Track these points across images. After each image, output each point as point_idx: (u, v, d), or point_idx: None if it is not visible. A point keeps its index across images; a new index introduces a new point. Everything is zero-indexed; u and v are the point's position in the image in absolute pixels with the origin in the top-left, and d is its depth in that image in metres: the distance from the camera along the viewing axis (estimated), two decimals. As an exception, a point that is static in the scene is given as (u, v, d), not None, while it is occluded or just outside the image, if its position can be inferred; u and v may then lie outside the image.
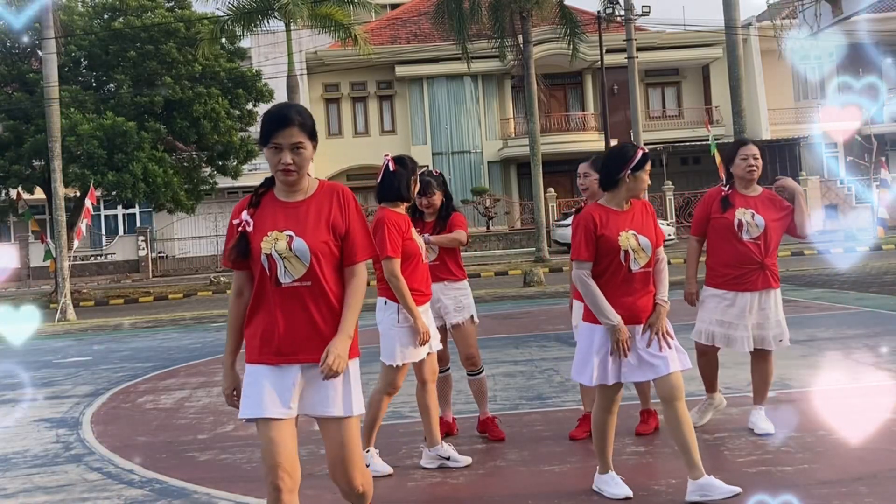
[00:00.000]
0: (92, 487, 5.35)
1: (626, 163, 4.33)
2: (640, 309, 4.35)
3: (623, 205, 4.41)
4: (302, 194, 3.31)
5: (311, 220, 3.26)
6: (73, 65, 25.33)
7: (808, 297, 13.28)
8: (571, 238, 4.48)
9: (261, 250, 3.23)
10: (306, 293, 3.22)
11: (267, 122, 3.22)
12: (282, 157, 3.20)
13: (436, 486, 4.93)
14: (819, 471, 4.71)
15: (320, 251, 3.22)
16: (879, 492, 4.30)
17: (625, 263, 4.32)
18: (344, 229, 3.28)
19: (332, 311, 3.26)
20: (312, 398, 3.26)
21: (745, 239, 5.37)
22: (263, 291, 3.26)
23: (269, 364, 3.24)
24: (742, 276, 5.38)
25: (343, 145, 37.96)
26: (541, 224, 27.65)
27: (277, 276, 3.22)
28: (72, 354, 12.45)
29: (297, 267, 3.21)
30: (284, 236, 3.22)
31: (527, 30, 26.72)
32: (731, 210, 5.42)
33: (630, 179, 4.34)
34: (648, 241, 4.37)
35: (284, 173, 3.23)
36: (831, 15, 16.89)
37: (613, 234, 4.32)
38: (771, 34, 28.64)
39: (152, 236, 35.78)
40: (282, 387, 3.22)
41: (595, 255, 4.35)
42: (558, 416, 6.39)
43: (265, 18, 25.13)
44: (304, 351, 3.23)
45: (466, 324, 5.70)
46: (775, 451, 5.11)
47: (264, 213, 3.29)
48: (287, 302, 3.23)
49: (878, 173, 31.81)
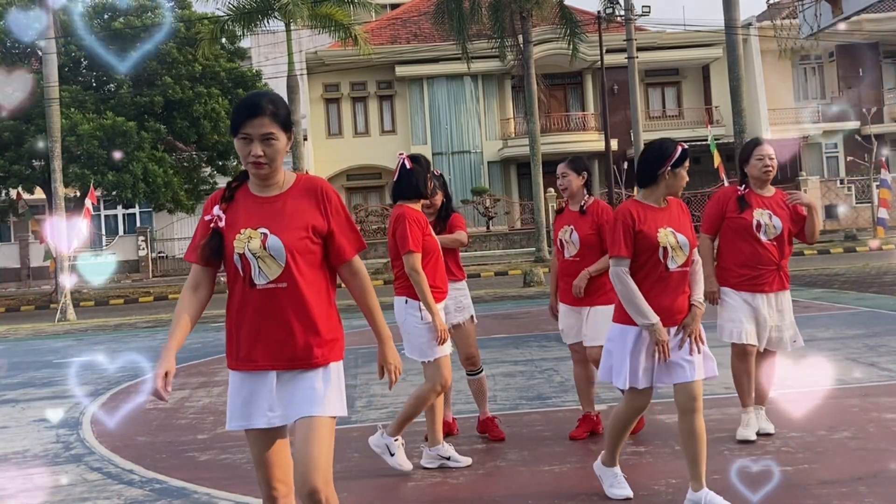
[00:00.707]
0: (92, 487, 5.34)
1: (665, 159, 4.20)
2: (676, 310, 4.20)
3: (661, 202, 4.27)
4: (277, 189, 3.11)
5: (287, 216, 3.05)
6: (74, 65, 25.34)
7: (808, 297, 13.28)
8: (609, 234, 4.33)
9: (233, 249, 3.04)
10: (282, 295, 3.03)
11: (236, 112, 3.05)
12: (252, 149, 3.01)
13: (436, 486, 4.93)
14: (819, 471, 4.71)
15: (297, 250, 3.03)
16: (879, 492, 4.30)
17: (662, 261, 4.17)
18: (327, 227, 3.09)
19: (310, 315, 3.05)
20: (292, 404, 3.06)
21: (764, 240, 5.29)
22: (238, 293, 3.08)
23: (246, 370, 3.08)
24: (758, 277, 5.30)
25: (343, 145, 37.97)
26: (541, 224, 27.65)
27: (252, 277, 3.03)
28: (72, 354, 12.45)
29: (273, 267, 3.02)
30: (258, 234, 3.03)
31: (527, 30, 26.72)
32: (749, 210, 5.31)
33: (669, 176, 4.21)
34: (686, 239, 4.22)
35: (255, 166, 3.03)
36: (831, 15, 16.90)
37: (652, 231, 4.17)
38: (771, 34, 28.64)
39: (152, 236, 35.78)
40: (261, 394, 3.07)
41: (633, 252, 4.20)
42: (558, 416, 6.39)
43: (265, 18, 25.12)
44: (278, 357, 3.05)
45: (466, 324, 5.71)
46: (775, 451, 5.11)
47: (237, 208, 3.10)
48: (262, 304, 3.04)
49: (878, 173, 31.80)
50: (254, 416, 3.07)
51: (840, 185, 35.36)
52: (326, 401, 3.05)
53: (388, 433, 5.22)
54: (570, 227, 5.60)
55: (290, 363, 3.06)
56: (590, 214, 5.56)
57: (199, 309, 3.14)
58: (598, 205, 5.61)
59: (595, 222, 5.52)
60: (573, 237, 5.55)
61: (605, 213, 5.54)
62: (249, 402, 3.08)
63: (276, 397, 3.06)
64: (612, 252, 4.23)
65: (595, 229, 5.51)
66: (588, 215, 5.56)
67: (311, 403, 3.04)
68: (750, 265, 5.30)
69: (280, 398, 3.06)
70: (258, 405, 3.06)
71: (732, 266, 5.36)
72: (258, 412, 3.07)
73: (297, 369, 3.06)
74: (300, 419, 3.03)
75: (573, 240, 5.55)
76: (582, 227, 5.53)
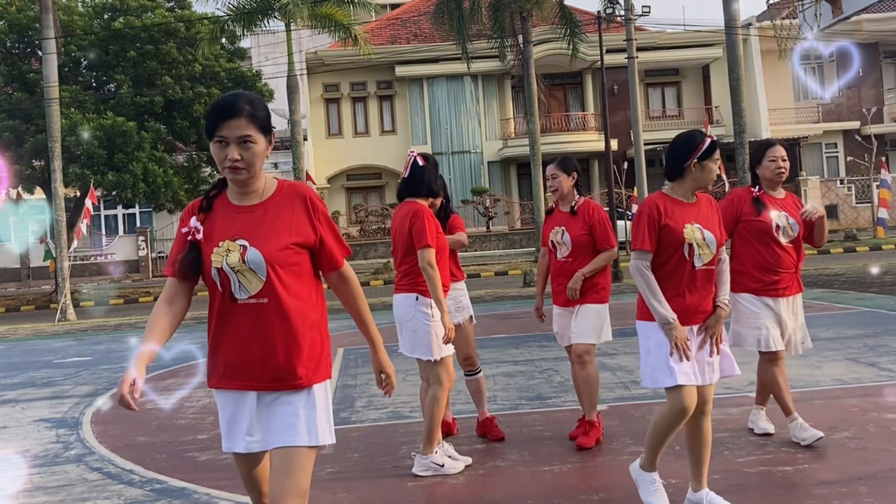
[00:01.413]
0: (92, 487, 5.35)
1: (692, 151, 4.04)
2: (700, 310, 4.05)
3: (689, 196, 4.11)
4: (257, 197, 2.90)
5: (268, 226, 2.85)
6: (73, 65, 25.34)
7: (808, 297, 13.27)
8: (633, 227, 4.13)
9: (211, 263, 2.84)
10: (264, 311, 2.82)
11: (211, 113, 2.83)
12: (228, 153, 2.79)
13: (436, 486, 4.93)
14: (819, 471, 4.71)
15: (278, 262, 2.82)
16: (879, 492, 4.30)
17: (688, 258, 4.01)
18: (315, 237, 2.90)
19: (293, 332, 2.84)
20: (273, 429, 2.86)
21: (783, 242, 5.15)
22: (218, 309, 2.88)
23: (227, 389, 2.91)
24: (779, 280, 5.14)
25: (343, 145, 37.97)
26: (541, 224, 27.55)
27: (231, 292, 2.84)
28: (72, 354, 12.45)
29: (253, 281, 2.82)
30: (237, 246, 2.82)
31: (527, 30, 26.71)
32: (766, 212, 5.15)
33: (696, 169, 4.05)
34: (713, 236, 4.06)
35: (231, 171, 2.81)
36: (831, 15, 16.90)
37: (678, 226, 4.01)
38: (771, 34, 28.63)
39: (152, 236, 35.79)
40: (241, 416, 2.89)
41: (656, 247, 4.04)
42: (558, 416, 6.39)
43: (265, 18, 25.10)
44: (258, 377, 2.85)
45: (466, 324, 5.72)
46: (775, 451, 5.11)
47: (215, 219, 2.89)
48: (242, 320, 2.84)
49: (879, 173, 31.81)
50: (235, 439, 2.92)
51: (840, 185, 35.36)
52: (308, 429, 2.84)
53: (423, 454, 5.13)
54: (561, 227, 5.56)
55: (272, 384, 2.86)
56: (581, 215, 5.53)
57: (173, 323, 2.92)
58: (588, 205, 5.58)
59: (586, 222, 5.49)
60: (565, 238, 5.52)
61: (596, 212, 5.52)
62: (231, 423, 2.93)
63: (256, 420, 2.88)
64: (635, 245, 4.05)
65: (587, 229, 5.48)
66: (579, 216, 5.53)
67: (292, 432, 2.83)
68: (770, 269, 5.13)
69: (260, 422, 2.88)
70: (238, 427, 2.91)
71: (752, 270, 5.16)
72: (238, 435, 2.91)
73: (278, 391, 2.86)
74: (278, 449, 2.84)
75: (565, 240, 5.52)
76: (573, 228, 5.50)
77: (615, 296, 16.54)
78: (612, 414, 6.33)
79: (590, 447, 5.39)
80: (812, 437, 5.12)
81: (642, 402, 6.71)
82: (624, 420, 6.16)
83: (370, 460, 5.47)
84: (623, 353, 9.06)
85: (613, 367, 8.27)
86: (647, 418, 5.95)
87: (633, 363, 8.44)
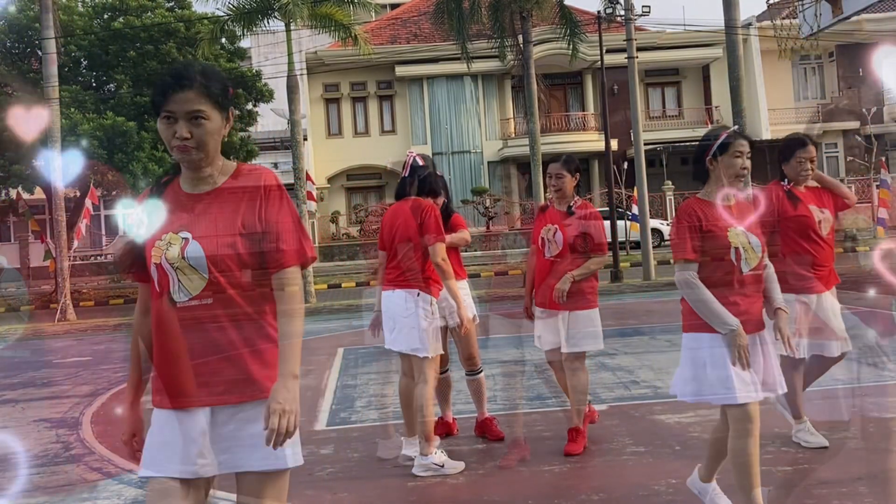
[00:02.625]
0: (92, 487, 5.34)
1: (708, 147, 3.86)
2: (753, 318, 3.81)
3: (728, 198, 3.87)
4: (210, 183, 2.53)
5: (214, 216, 2.48)
6: (73, 65, 25.34)
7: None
8: (672, 238, 3.90)
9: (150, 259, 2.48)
10: (208, 314, 2.44)
11: (157, 85, 2.49)
12: (176, 129, 2.44)
13: (435, 486, 4.93)
14: (819, 471, 4.71)
15: (222, 258, 2.44)
16: (879, 492, 4.30)
17: (736, 264, 3.77)
18: (261, 226, 2.48)
19: (245, 336, 2.46)
20: (232, 451, 2.47)
21: (824, 235, 4.99)
22: (159, 312, 2.50)
23: (172, 408, 2.48)
24: (823, 277, 4.97)
25: (343, 145, 37.96)
26: (541, 224, 27.60)
27: (170, 293, 2.46)
28: (72, 354, 12.44)
29: (194, 280, 2.44)
30: (179, 239, 2.46)
31: (527, 30, 26.71)
32: (804, 206, 4.96)
33: (713, 166, 3.85)
34: (759, 240, 3.85)
35: (179, 150, 2.45)
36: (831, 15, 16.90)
37: (722, 230, 3.78)
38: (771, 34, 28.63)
39: (152, 236, 35.71)
40: (187, 437, 2.45)
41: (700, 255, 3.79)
42: (558, 416, 6.38)
43: (265, 18, 25.09)
44: (210, 390, 2.45)
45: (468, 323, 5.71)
46: (775, 451, 5.11)
47: (163, 208, 2.55)
48: (185, 326, 2.44)
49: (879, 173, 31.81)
50: (176, 462, 2.45)
51: (840, 185, 35.31)
52: (286, 450, 2.44)
53: (422, 453, 5.12)
54: (554, 226, 5.44)
55: (226, 397, 2.45)
56: (578, 216, 5.44)
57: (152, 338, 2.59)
58: (585, 207, 5.48)
59: (583, 224, 5.41)
60: (557, 237, 5.41)
61: (592, 215, 5.44)
62: (172, 445, 2.47)
63: (211, 440, 2.46)
64: (677, 255, 3.81)
65: (582, 231, 5.38)
66: (576, 217, 5.44)
67: (261, 455, 2.44)
68: (817, 265, 4.94)
69: (215, 441, 2.46)
70: (184, 450, 2.45)
71: (798, 269, 4.91)
72: (186, 458, 2.45)
73: (236, 403, 2.46)
74: (245, 473, 2.49)
75: (556, 239, 5.42)
76: (568, 228, 5.41)
77: (615, 296, 16.54)
78: (612, 414, 6.32)
79: (579, 453, 5.32)
80: (817, 444, 5.09)
81: (642, 402, 6.71)
82: (624, 420, 6.16)
83: (370, 460, 5.47)
84: (623, 353, 9.05)
85: (613, 367, 8.27)
86: (647, 418, 5.95)
87: (634, 363, 8.44)
